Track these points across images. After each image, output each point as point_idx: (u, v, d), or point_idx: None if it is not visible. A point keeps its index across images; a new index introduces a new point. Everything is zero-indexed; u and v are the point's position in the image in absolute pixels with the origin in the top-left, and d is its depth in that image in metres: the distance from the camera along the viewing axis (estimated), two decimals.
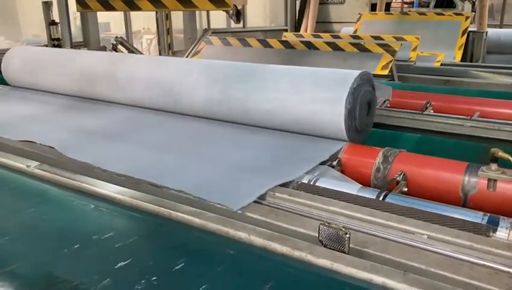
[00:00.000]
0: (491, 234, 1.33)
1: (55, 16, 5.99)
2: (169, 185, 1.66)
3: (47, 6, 5.79)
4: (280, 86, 2.18)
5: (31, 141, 2.20)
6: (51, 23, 5.79)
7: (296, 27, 9.85)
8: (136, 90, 2.66)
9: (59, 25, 5.83)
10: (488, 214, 1.46)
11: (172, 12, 7.36)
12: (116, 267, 1.24)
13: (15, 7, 7.62)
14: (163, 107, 2.59)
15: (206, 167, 1.89)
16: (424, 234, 1.34)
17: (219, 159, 1.96)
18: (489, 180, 1.52)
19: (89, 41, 5.88)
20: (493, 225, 1.37)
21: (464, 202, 1.71)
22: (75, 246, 1.36)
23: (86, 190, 1.73)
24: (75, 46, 5.83)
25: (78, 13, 6.20)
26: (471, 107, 2.87)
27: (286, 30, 9.39)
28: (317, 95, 2.06)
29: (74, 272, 1.27)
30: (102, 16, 6.71)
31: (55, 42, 5.73)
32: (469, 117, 2.69)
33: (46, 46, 5.61)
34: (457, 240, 1.30)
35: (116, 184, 1.74)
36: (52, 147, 2.10)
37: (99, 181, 1.78)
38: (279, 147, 2.07)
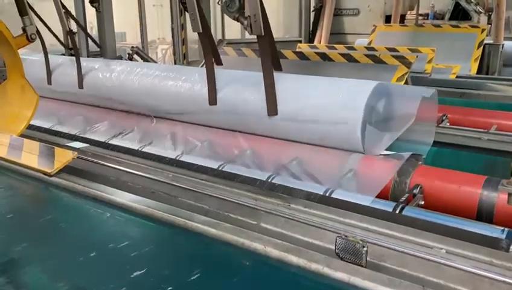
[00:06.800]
0: (511, 249, 1.30)
1: (73, 25, 6.07)
2: None
3: (65, 16, 5.87)
4: (294, 95, 2.17)
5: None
6: (69, 32, 5.87)
7: (310, 38, 9.87)
8: (150, 99, 2.68)
9: (76, 34, 5.90)
10: (508, 229, 1.43)
11: (187, 22, 7.43)
12: (132, 276, 1.25)
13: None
14: (178, 116, 2.60)
15: None
16: (442, 249, 1.32)
17: None
18: (509, 194, 1.50)
19: (106, 50, 5.94)
20: None
21: (482, 217, 1.69)
22: (92, 254, 1.37)
23: (103, 198, 1.74)
24: (91, 55, 5.90)
25: (95, 23, 6.30)
26: (488, 120, 2.85)
27: (300, 41, 9.41)
28: (334, 104, 2.05)
29: (90, 280, 1.27)
30: (118, 26, 6.79)
31: (72, 51, 5.80)
32: (486, 130, 2.66)
33: (64, 55, 5.68)
34: (476, 255, 1.28)
35: (132, 193, 1.75)
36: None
37: (115, 190, 1.79)
38: None
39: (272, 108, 2.09)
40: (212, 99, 2.28)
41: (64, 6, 3.34)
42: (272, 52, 2.16)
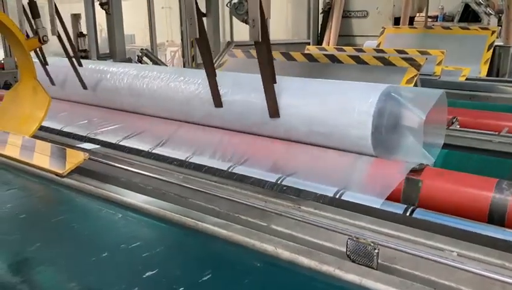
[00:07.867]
0: None
1: (83, 27, 6.13)
2: None
3: (75, 19, 5.94)
4: (305, 98, 2.17)
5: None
6: (79, 35, 5.93)
7: (319, 40, 9.87)
8: (159, 101, 2.69)
9: (86, 36, 5.97)
10: None
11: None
12: (143, 276, 1.25)
13: (43, 18, 7.81)
14: (186, 118, 2.61)
15: None
16: (453, 251, 1.32)
17: None
18: None
19: (115, 53, 5.98)
20: None
21: (494, 220, 1.68)
22: (103, 255, 1.38)
23: (114, 199, 1.76)
24: (101, 57, 5.95)
25: (105, 26, 6.35)
26: (499, 122, 2.83)
27: (308, 43, 9.41)
28: (344, 107, 2.05)
29: (102, 280, 1.28)
30: (128, 28, 6.84)
31: (82, 54, 5.86)
32: (497, 133, 2.64)
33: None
34: (488, 258, 1.28)
35: (143, 194, 1.76)
36: None
37: (127, 191, 1.80)
38: None
39: (273, 111, 2.10)
40: (218, 102, 2.29)
41: (57, 10, 3.23)
42: (268, 63, 2.04)
